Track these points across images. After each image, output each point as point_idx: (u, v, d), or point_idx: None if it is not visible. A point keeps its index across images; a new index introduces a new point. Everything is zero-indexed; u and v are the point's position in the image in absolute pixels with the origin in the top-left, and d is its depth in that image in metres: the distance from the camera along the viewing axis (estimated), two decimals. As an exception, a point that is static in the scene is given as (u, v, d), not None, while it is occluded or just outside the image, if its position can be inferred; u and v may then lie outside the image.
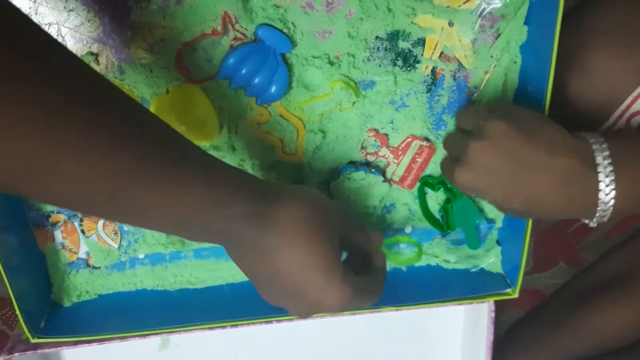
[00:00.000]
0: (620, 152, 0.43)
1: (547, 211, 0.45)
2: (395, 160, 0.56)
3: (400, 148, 0.56)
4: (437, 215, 0.59)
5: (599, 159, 0.43)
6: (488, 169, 0.45)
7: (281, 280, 0.42)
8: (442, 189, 0.57)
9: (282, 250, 0.41)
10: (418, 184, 0.57)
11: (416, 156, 0.56)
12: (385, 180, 0.56)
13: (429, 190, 0.58)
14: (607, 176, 0.42)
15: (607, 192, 0.42)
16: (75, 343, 0.55)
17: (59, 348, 0.55)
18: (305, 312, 0.44)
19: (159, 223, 0.39)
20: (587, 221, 0.46)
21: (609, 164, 0.42)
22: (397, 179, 0.57)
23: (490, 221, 0.60)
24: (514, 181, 0.44)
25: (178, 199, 0.37)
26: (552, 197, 0.44)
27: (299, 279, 0.41)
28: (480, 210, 0.59)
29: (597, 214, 0.44)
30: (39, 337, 0.54)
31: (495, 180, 0.45)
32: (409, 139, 0.55)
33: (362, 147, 0.55)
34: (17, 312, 0.52)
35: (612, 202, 0.43)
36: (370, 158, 0.56)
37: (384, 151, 0.56)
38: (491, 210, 0.60)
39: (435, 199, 0.59)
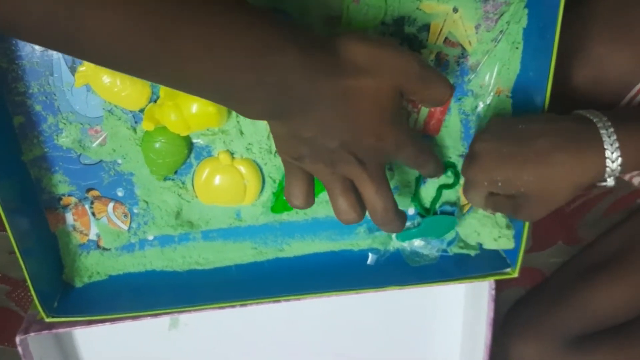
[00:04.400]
0: (612, 115, 0.45)
1: (561, 176, 0.45)
2: (415, 109, 0.56)
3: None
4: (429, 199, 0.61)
5: (595, 119, 0.45)
6: (493, 153, 0.47)
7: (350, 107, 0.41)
8: (450, 171, 0.59)
9: (352, 91, 0.40)
10: None
11: None
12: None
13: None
14: (607, 129, 0.44)
15: (611, 142, 0.44)
16: (89, 322, 0.56)
17: (72, 328, 0.57)
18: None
19: (205, 77, 0.36)
20: (605, 183, 0.46)
21: (607, 120, 0.45)
22: (420, 128, 0.57)
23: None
24: (520, 152, 0.46)
25: (224, 43, 0.35)
26: (562, 156, 0.45)
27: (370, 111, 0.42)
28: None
29: (608, 167, 0.44)
30: (53, 317, 0.55)
31: (502, 159, 0.47)
32: None
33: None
34: (32, 292, 0.53)
35: (618, 151, 0.44)
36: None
37: None
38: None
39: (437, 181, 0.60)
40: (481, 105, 0.56)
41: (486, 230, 0.59)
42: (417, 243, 0.61)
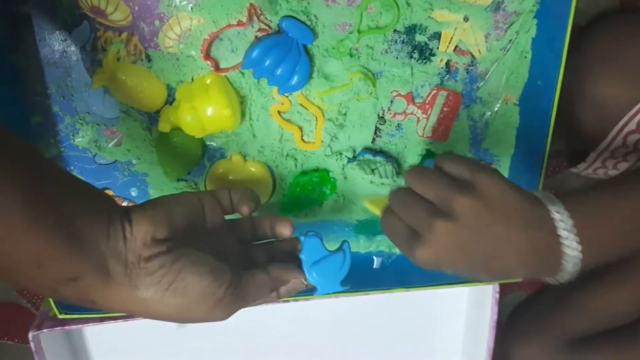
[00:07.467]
0: (584, 220, 0.42)
1: (513, 276, 0.45)
2: (424, 115, 0.57)
3: (427, 102, 0.57)
4: None
5: (563, 233, 0.42)
6: (456, 248, 0.42)
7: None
8: None
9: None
10: (420, 157, 0.59)
11: (444, 106, 0.57)
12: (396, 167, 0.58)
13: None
14: (572, 249, 0.42)
15: (572, 256, 0.42)
16: (101, 319, 0.57)
17: (84, 325, 0.57)
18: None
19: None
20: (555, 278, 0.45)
21: (575, 235, 0.42)
22: (429, 134, 0.58)
23: None
24: (484, 259, 0.43)
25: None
26: (520, 269, 0.43)
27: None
28: None
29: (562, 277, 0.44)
30: (66, 313, 0.56)
31: (463, 258, 0.43)
32: (434, 91, 0.56)
33: (378, 130, 0.57)
34: (46, 289, 0.54)
35: (578, 266, 0.42)
36: (399, 118, 0.57)
37: (411, 108, 0.57)
38: None
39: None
40: (489, 113, 0.58)
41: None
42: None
